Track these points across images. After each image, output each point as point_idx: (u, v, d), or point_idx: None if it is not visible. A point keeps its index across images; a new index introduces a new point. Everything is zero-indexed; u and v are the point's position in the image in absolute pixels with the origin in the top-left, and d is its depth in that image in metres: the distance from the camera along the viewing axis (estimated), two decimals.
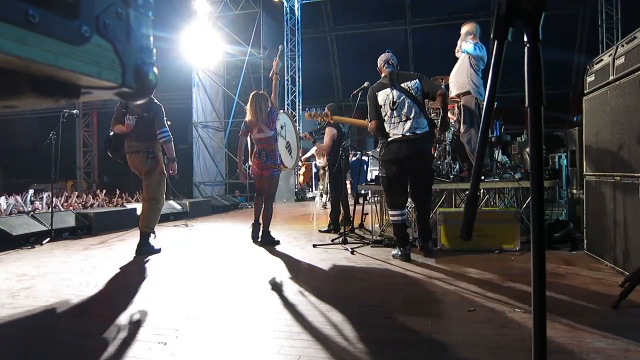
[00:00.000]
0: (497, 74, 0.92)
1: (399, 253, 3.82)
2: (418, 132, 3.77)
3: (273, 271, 3.55)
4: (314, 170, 12.14)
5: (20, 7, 0.48)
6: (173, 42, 11.89)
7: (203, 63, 12.84)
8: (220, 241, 5.22)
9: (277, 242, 4.74)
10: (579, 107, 3.81)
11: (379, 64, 4.12)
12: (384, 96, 3.90)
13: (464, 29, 4.65)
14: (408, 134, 3.77)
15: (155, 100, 4.31)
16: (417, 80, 3.88)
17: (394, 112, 3.83)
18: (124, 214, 6.82)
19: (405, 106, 3.80)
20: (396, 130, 3.82)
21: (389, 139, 3.84)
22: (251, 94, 4.71)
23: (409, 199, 4.06)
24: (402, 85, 3.87)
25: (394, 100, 3.83)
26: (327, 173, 7.72)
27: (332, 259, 3.96)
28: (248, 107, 4.64)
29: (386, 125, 3.87)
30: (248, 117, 4.65)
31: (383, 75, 4.05)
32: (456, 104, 4.86)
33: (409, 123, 3.77)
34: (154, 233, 4.43)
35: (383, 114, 3.89)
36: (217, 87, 14.08)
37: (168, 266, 3.85)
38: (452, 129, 5.37)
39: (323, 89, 16.01)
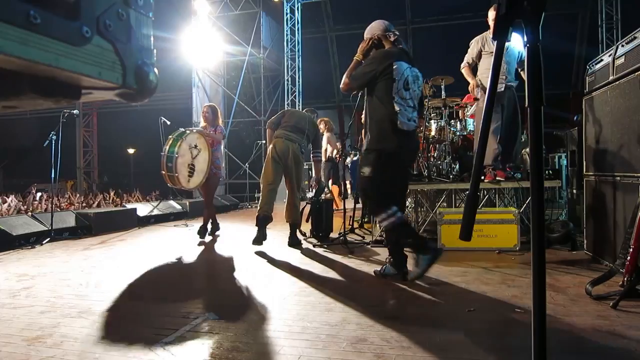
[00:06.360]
0: (497, 74, 0.92)
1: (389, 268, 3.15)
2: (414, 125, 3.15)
3: (273, 271, 3.55)
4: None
5: (22, 9, 0.48)
6: (173, 42, 11.90)
7: (203, 63, 12.84)
8: (220, 241, 5.22)
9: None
10: (579, 107, 3.81)
11: (379, 30, 3.15)
12: (402, 70, 3.02)
13: None
14: (413, 125, 3.11)
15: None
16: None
17: (407, 93, 3.04)
18: (124, 214, 6.83)
19: (416, 92, 3.12)
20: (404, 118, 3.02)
21: (395, 127, 2.99)
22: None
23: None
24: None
25: (408, 80, 3.05)
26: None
27: (332, 259, 3.96)
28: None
29: (396, 106, 3.00)
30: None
31: (395, 44, 3.13)
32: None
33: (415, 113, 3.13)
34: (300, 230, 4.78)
35: (394, 90, 2.99)
36: (217, 87, 14.08)
37: (168, 266, 3.85)
38: (454, 129, 5.38)
39: (323, 89, 16.01)
